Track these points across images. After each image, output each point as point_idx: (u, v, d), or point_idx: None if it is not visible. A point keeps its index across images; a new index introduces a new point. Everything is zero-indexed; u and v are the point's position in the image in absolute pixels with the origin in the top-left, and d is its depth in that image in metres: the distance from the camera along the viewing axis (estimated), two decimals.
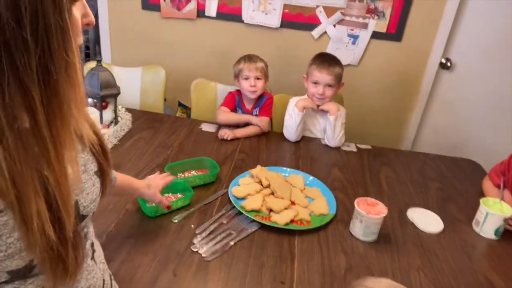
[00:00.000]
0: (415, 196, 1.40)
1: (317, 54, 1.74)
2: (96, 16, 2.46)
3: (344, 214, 1.24)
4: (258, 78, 1.74)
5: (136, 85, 2.07)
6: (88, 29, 0.49)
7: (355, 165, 1.57)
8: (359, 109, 2.39)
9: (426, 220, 1.25)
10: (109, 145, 1.44)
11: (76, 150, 0.52)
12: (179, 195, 1.23)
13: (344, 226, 1.18)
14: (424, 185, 1.48)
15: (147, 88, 2.07)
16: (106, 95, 1.44)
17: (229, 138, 1.63)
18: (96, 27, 2.53)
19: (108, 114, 1.49)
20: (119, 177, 0.92)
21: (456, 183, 1.52)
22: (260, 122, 1.71)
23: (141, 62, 2.27)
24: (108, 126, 1.49)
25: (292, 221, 1.16)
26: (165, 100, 2.41)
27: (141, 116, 1.76)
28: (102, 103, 1.45)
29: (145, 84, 2.07)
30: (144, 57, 2.43)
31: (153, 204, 1.14)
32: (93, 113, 1.37)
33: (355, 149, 1.71)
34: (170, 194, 1.22)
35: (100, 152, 0.63)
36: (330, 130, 1.67)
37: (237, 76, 1.76)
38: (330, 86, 1.67)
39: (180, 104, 2.46)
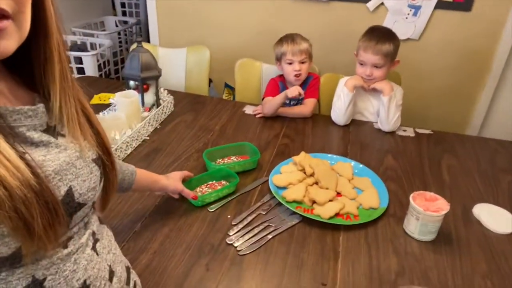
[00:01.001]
0: (483, 190, 1.22)
1: (368, 29, 1.56)
2: None
3: (397, 208, 1.11)
4: (302, 62, 1.60)
5: (181, 66, 2.03)
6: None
7: (412, 152, 1.41)
8: (420, 89, 2.17)
9: (496, 219, 1.08)
10: (150, 128, 1.42)
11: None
12: (223, 182, 1.17)
13: (397, 222, 1.05)
14: (494, 177, 1.29)
15: (191, 69, 2.02)
16: (147, 77, 1.40)
17: (257, 116, 1.58)
18: (145, 9, 2.52)
19: (149, 97, 1.46)
20: (139, 171, 0.93)
21: None
22: (293, 91, 1.55)
23: (189, 43, 2.23)
24: (150, 109, 1.46)
25: (337, 214, 1.06)
26: (211, 81, 2.37)
27: (183, 98, 1.72)
28: (143, 86, 1.42)
29: (189, 65, 2.02)
30: (191, 38, 2.39)
31: (199, 194, 1.10)
32: (132, 96, 1.34)
33: (412, 134, 1.54)
34: (214, 182, 1.17)
35: (101, 143, 0.61)
36: (383, 112, 1.51)
37: (279, 59, 1.64)
38: (379, 67, 1.50)
39: (226, 85, 2.40)
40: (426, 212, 0.95)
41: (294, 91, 1.53)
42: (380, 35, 1.52)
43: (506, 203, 1.16)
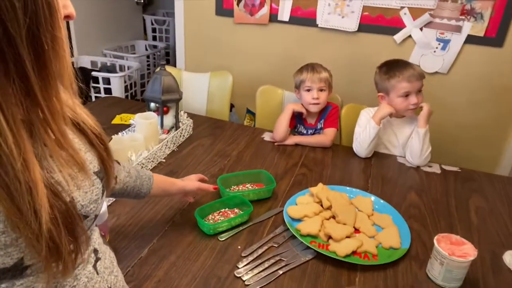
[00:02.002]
0: None
1: (388, 66, 1.52)
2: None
3: (420, 250, 1.03)
4: (321, 90, 1.58)
5: (203, 90, 2.05)
6: (69, 20, 0.50)
7: (438, 190, 1.33)
8: (446, 124, 2.09)
9: None
10: (167, 151, 1.41)
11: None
12: (236, 210, 1.13)
13: (419, 265, 0.98)
14: None
15: (213, 93, 2.03)
16: (168, 99, 1.41)
17: (276, 144, 1.57)
18: (174, 34, 2.59)
19: (169, 119, 1.46)
20: (156, 176, 0.96)
21: None
22: (297, 105, 1.60)
23: (213, 68, 2.26)
24: (169, 131, 1.46)
25: (354, 253, 0.99)
26: (232, 106, 2.37)
27: (203, 122, 1.71)
28: (163, 108, 1.42)
29: (212, 89, 2.04)
30: (216, 63, 2.42)
31: (211, 221, 1.06)
32: (151, 117, 1.35)
33: (438, 171, 1.46)
34: (227, 209, 1.13)
35: (102, 149, 0.61)
36: (418, 144, 1.45)
37: (298, 87, 1.62)
38: (419, 91, 1.48)
39: (248, 111, 2.39)
40: (451, 257, 0.88)
41: (298, 106, 1.60)
42: (405, 63, 1.52)
43: None
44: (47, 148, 0.48)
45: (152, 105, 1.44)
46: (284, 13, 2.20)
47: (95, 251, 0.60)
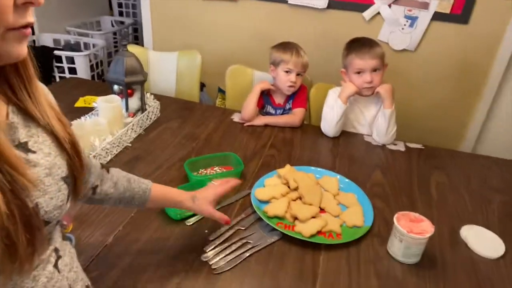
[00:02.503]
0: (472, 211, 1.18)
1: (350, 41, 1.55)
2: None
3: (382, 228, 1.07)
4: (299, 74, 1.58)
5: (171, 70, 2.00)
6: (35, 6, 0.48)
7: (402, 168, 1.37)
8: (414, 101, 2.14)
9: (484, 242, 1.05)
10: (133, 135, 1.38)
11: None
12: None
13: (381, 243, 1.01)
14: (485, 197, 1.25)
15: (182, 73, 1.99)
16: (131, 82, 1.36)
17: (245, 124, 1.56)
18: (139, 11, 2.49)
19: (134, 102, 1.42)
20: (156, 189, 0.85)
21: None
22: (264, 83, 1.60)
23: (183, 46, 2.20)
24: (134, 114, 1.43)
25: (319, 232, 1.02)
26: (204, 85, 2.34)
27: (171, 104, 1.68)
28: (127, 90, 1.38)
29: (180, 69, 1.99)
30: (185, 41, 2.36)
31: None
32: (115, 101, 1.31)
33: (403, 149, 1.50)
34: None
35: (73, 155, 0.60)
36: (384, 124, 1.48)
37: (276, 64, 1.60)
38: (376, 70, 1.48)
39: (220, 90, 2.36)
40: (409, 234, 0.92)
41: (266, 84, 1.60)
42: (368, 41, 1.52)
43: (495, 226, 1.12)
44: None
45: (116, 87, 1.40)
46: None
47: (56, 250, 0.59)
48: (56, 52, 2.49)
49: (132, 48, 1.96)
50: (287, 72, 1.56)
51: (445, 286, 0.91)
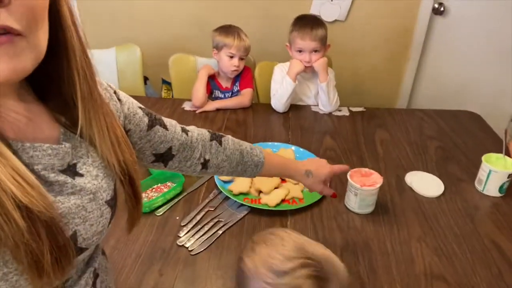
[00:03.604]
0: (413, 159, 1.32)
1: (296, 18, 1.61)
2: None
3: (338, 186, 1.16)
4: (242, 58, 1.62)
5: (111, 67, 1.95)
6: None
7: (348, 131, 1.48)
8: (351, 68, 2.27)
9: (426, 184, 1.18)
10: None
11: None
12: (169, 184, 1.15)
13: (339, 200, 1.11)
14: (423, 145, 1.40)
15: (123, 69, 1.95)
16: None
17: (197, 111, 1.59)
18: None
19: None
20: (269, 161, 0.85)
21: (456, 139, 1.44)
22: (208, 68, 1.65)
23: (119, 41, 2.13)
24: None
25: (283, 200, 1.09)
26: (147, 79, 2.30)
27: None
28: None
29: (121, 65, 1.95)
30: (120, 36, 2.27)
31: (146, 199, 1.07)
32: None
33: (347, 113, 1.62)
34: (159, 185, 1.15)
35: (127, 182, 0.56)
36: (324, 96, 1.58)
37: (218, 48, 1.63)
38: (316, 51, 1.55)
39: (164, 81, 2.34)
40: (362, 187, 1.02)
41: (211, 70, 1.65)
42: (312, 22, 1.58)
43: (434, 169, 1.26)
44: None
45: None
46: None
47: (94, 270, 0.57)
48: None
49: None
50: (230, 56, 1.60)
51: (398, 228, 1.03)
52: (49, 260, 0.42)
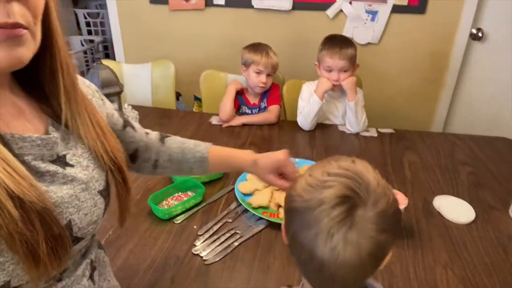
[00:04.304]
0: (443, 183, 1.26)
1: (326, 38, 1.62)
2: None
3: None
4: (269, 75, 1.64)
5: (146, 81, 2.03)
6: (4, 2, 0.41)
7: (376, 152, 1.45)
8: (383, 91, 2.24)
9: (455, 209, 1.12)
10: None
11: None
12: (189, 193, 1.17)
13: None
14: (454, 170, 1.33)
15: (157, 83, 2.02)
16: (108, 93, 1.39)
17: (224, 126, 1.61)
18: (110, 27, 2.52)
19: None
20: (215, 155, 0.82)
21: (490, 165, 1.36)
22: (237, 83, 1.68)
23: (155, 57, 2.22)
24: None
25: None
26: (179, 95, 2.37)
27: (150, 113, 1.71)
28: None
29: (155, 80, 2.02)
30: (157, 53, 2.39)
31: (165, 207, 1.09)
32: None
33: (375, 134, 1.58)
34: (180, 193, 1.16)
35: (115, 169, 0.58)
36: (352, 116, 1.56)
37: (247, 65, 1.67)
38: (345, 71, 1.55)
39: (196, 98, 2.40)
40: None
41: (239, 85, 1.67)
42: (341, 41, 1.58)
43: (464, 194, 1.20)
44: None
45: None
46: None
47: (91, 262, 0.58)
48: None
49: (105, 63, 1.98)
50: (257, 73, 1.63)
51: (423, 253, 0.97)
52: (44, 250, 0.43)
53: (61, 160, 0.50)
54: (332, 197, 0.48)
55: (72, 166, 0.51)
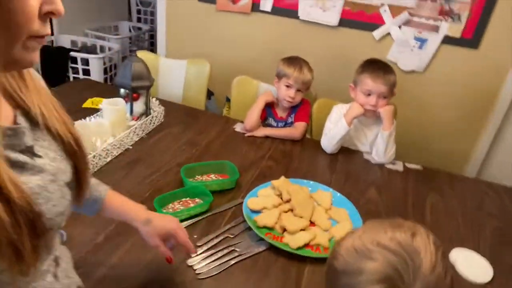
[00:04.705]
0: (465, 234, 1.17)
1: (367, 61, 1.55)
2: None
3: None
4: (299, 90, 1.60)
5: (180, 77, 2.04)
6: (55, 17, 0.49)
7: (398, 188, 1.37)
8: (418, 122, 2.14)
9: (472, 266, 1.04)
10: (135, 138, 1.41)
11: None
12: (197, 200, 1.15)
13: None
14: (479, 222, 1.24)
15: (190, 81, 2.04)
16: (138, 86, 1.41)
17: (246, 135, 1.58)
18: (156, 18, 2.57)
19: (139, 106, 1.46)
20: (113, 199, 0.79)
21: None
22: (268, 95, 1.64)
23: (194, 54, 2.25)
24: (138, 118, 1.46)
25: (306, 245, 1.03)
26: (212, 94, 2.38)
27: (176, 110, 1.72)
28: (132, 95, 1.42)
29: (189, 77, 2.04)
30: (197, 49, 2.41)
31: (170, 210, 1.08)
32: (119, 104, 1.35)
33: (401, 168, 1.50)
34: (188, 199, 1.15)
35: (79, 159, 0.59)
36: (382, 145, 1.49)
37: (280, 77, 1.64)
38: (384, 97, 1.48)
39: (228, 99, 2.40)
40: None
41: (270, 97, 1.61)
42: (384, 66, 1.53)
43: (486, 250, 1.11)
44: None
45: (122, 91, 1.44)
46: (267, 3, 2.19)
47: (55, 259, 0.58)
48: (72, 54, 2.57)
49: (144, 54, 2.02)
50: (287, 86, 1.59)
51: None
52: (29, 247, 0.45)
53: (29, 151, 0.51)
54: (372, 272, 0.44)
55: (40, 157, 0.52)
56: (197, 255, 0.96)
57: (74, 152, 0.58)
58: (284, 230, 1.07)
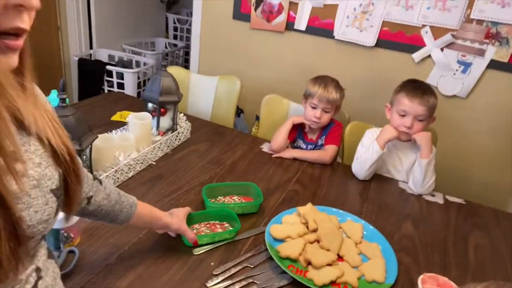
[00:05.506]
0: None
1: (407, 81, 1.46)
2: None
3: (406, 287, 0.96)
4: (326, 111, 1.51)
5: (210, 94, 2.02)
6: (28, 11, 0.45)
7: (438, 222, 1.25)
8: (460, 151, 1.99)
9: None
10: (159, 153, 1.38)
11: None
12: (225, 224, 1.09)
13: None
14: None
15: (220, 98, 2.01)
16: (165, 101, 1.38)
17: (273, 155, 1.52)
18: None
19: (165, 121, 1.43)
20: (141, 205, 0.87)
21: None
22: (299, 117, 1.56)
23: (226, 71, 2.23)
24: (164, 133, 1.43)
25: (333, 283, 0.93)
26: (242, 112, 2.34)
27: (203, 127, 1.68)
28: (160, 109, 1.39)
29: (219, 94, 2.01)
30: (229, 67, 2.40)
31: (194, 231, 1.02)
32: (145, 118, 1.32)
33: (441, 201, 1.38)
34: (216, 222, 1.09)
35: (70, 169, 0.57)
36: (420, 174, 1.37)
37: (306, 96, 1.57)
38: (420, 120, 1.37)
39: (257, 118, 2.35)
40: None
41: (299, 118, 1.54)
42: (424, 87, 1.42)
43: None
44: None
45: (150, 105, 1.42)
46: (302, 22, 2.15)
47: (38, 269, 0.55)
48: (108, 67, 2.63)
49: (175, 70, 2.01)
50: (313, 107, 1.51)
51: None
52: (7, 252, 0.43)
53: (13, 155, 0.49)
54: None
55: (22, 162, 0.50)
56: (213, 285, 0.89)
57: (64, 161, 0.56)
58: (309, 263, 0.98)
